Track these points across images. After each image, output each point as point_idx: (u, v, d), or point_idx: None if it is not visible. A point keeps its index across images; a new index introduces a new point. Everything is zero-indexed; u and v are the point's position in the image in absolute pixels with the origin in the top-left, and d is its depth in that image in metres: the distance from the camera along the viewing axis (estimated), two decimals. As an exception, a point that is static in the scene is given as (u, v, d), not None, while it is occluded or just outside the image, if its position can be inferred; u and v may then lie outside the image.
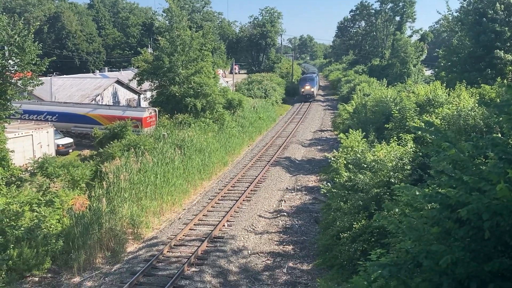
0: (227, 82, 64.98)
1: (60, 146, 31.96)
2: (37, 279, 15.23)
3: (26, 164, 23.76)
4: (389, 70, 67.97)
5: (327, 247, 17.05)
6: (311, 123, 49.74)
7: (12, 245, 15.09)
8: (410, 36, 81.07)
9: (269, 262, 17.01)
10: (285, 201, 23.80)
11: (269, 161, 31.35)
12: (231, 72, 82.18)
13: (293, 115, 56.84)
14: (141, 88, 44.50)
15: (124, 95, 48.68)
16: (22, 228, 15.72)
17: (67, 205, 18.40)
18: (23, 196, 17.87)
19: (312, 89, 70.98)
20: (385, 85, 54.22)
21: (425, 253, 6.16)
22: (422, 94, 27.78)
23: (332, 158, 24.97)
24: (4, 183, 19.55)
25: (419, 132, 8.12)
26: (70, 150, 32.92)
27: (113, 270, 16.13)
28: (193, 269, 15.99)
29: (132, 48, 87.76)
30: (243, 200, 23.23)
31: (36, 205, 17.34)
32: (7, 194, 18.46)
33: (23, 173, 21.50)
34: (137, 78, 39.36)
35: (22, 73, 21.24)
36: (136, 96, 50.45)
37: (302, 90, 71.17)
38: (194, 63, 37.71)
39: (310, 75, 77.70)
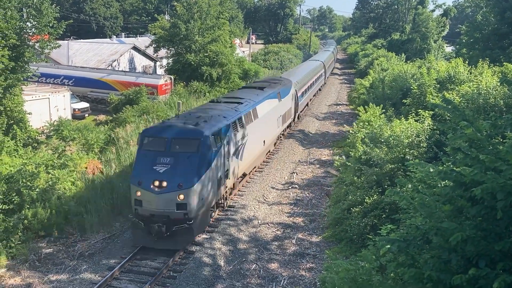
0: (243, 52, 64.46)
1: (76, 110, 32.25)
2: (51, 239, 15.63)
3: (42, 127, 24.09)
4: (409, 45, 66.45)
5: (337, 221, 17.13)
6: (326, 97, 49.29)
7: (28, 205, 15.44)
8: (433, 10, 78.80)
9: (278, 232, 17.18)
10: (297, 174, 23.84)
11: (282, 133, 31.26)
12: (248, 42, 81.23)
13: (309, 87, 56.18)
14: (157, 55, 44.44)
15: (140, 62, 48.64)
16: (37, 189, 16.04)
17: (81, 168, 18.69)
18: (39, 157, 18.20)
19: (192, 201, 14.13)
20: (404, 60, 53.22)
21: (435, 230, 6.15)
22: (442, 71, 27.23)
23: (350, 132, 24.85)
24: (21, 144, 19.90)
25: (437, 109, 8.01)
26: (86, 115, 33.23)
27: (125, 233, 16.46)
28: (204, 236, 16.23)
29: (149, 14, 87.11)
30: (255, 171, 23.32)
31: (51, 167, 17.65)
32: (23, 155, 18.81)
33: (39, 135, 21.83)
34: (153, 45, 39.27)
35: (39, 36, 21.29)
36: (152, 63, 50.37)
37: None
38: (211, 31, 37.39)
39: (189, 130, 14.93)
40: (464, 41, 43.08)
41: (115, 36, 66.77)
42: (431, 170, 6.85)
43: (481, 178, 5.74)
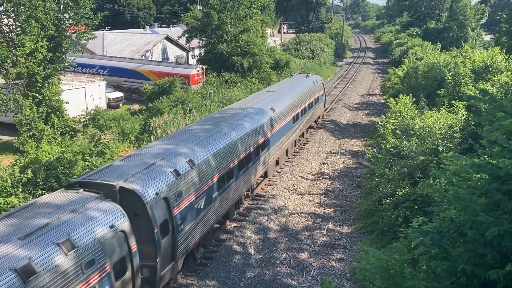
0: (275, 41, 64.14)
1: (111, 99, 32.96)
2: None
3: (79, 116, 24.76)
4: (445, 34, 64.55)
5: (369, 212, 17.03)
6: (359, 86, 48.63)
7: (66, 192, 15.94)
8: (471, -3, 76.27)
9: (308, 222, 17.22)
10: (327, 164, 23.74)
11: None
12: (279, 31, 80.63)
13: (340, 77, 55.60)
14: (189, 45, 44.77)
15: (173, 52, 49.14)
16: (75, 176, 16.53)
17: (117, 157, 19.14)
18: (76, 145, 18.75)
19: None
20: (439, 50, 51.82)
21: (470, 223, 6.05)
22: (478, 60, 26.39)
23: (380, 123, 24.54)
24: (59, 133, 20.55)
25: (472, 101, 7.81)
26: (121, 104, 33.93)
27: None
28: (235, 224, 16.44)
29: (182, 4, 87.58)
30: (286, 161, 23.35)
31: (88, 155, 18.13)
32: (61, 143, 19.43)
33: (76, 124, 22.46)
34: (186, 35, 39.56)
35: (76, 27, 21.86)
36: (184, 53, 50.80)
37: None
38: (243, 21, 37.39)
39: None
40: (504, 29, 41.59)
41: (148, 27, 67.53)
42: (465, 162, 6.73)
43: (519, 171, 5.61)
